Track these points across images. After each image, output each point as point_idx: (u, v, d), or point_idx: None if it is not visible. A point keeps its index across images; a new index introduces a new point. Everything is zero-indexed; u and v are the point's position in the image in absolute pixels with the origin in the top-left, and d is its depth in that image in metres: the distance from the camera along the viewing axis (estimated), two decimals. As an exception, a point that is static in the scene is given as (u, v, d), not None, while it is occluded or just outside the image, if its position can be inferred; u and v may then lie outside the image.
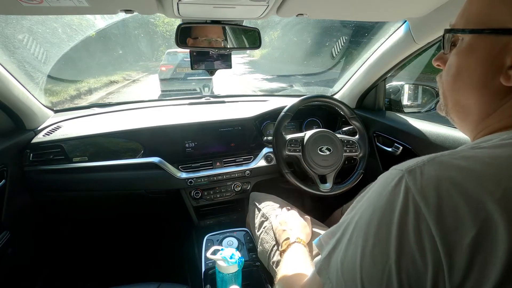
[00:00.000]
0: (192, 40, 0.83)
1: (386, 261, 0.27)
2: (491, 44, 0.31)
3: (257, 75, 9.15)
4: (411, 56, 1.05)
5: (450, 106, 0.39)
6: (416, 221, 0.25)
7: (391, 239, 0.27)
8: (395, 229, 0.26)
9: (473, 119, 0.36)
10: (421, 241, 0.25)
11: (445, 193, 0.25)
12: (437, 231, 0.24)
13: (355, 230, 0.31)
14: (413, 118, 1.13)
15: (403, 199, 0.27)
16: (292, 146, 1.06)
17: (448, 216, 0.24)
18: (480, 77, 0.33)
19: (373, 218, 0.29)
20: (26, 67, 1.30)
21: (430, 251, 0.24)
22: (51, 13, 0.72)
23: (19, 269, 1.07)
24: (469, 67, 0.34)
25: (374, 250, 0.28)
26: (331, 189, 1.05)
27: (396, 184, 0.28)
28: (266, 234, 0.91)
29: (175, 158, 1.16)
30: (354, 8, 0.82)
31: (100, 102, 1.45)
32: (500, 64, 0.30)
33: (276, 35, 10.50)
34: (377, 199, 0.29)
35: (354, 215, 0.32)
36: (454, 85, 0.36)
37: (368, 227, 0.29)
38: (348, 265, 0.30)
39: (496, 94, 0.32)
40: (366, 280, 0.28)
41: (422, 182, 0.26)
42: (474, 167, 0.26)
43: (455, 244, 0.23)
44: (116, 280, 0.86)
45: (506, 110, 0.32)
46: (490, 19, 0.31)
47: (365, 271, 0.28)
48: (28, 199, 1.07)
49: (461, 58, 0.35)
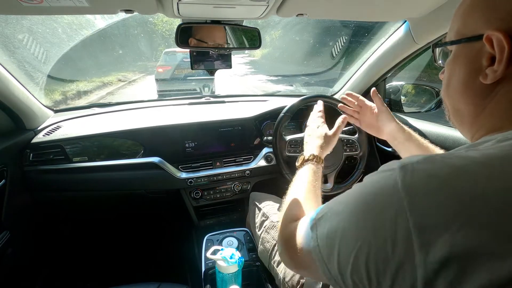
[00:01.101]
0: (192, 40, 0.83)
1: (361, 236, 0.30)
2: (469, 50, 0.36)
3: (258, 75, 9.16)
4: (411, 56, 1.06)
5: (449, 113, 0.43)
6: (395, 213, 0.27)
7: (370, 219, 0.30)
8: (375, 213, 0.29)
9: (467, 121, 0.39)
10: (395, 230, 0.26)
11: (433, 190, 0.26)
12: (415, 226, 0.25)
13: (349, 204, 0.34)
14: (413, 118, 1.13)
15: (389, 192, 0.29)
16: (293, 147, 1.06)
17: (432, 213, 0.25)
18: (463, 80, 0.37)
19: (363, 198, 0.32)
20: (26, 67, 1.30)
21: (402, 241, 0.26)
22: (51, 13, 0.72)
23: (19, 269, 1.07)
24: (455, 73, 0.39)
25: (355, 224, 0.31)
26: (332, 189, 1.05)
27: (388, 177, 0.30)
28: (267, 233, 0.91)
29: (175, 158, 1.16)
30: (354, 8, 0.82)
31: (100, 102, 1.45)
32: (478, 66, 0.35)
33: (277, 34, 10.50)
34: (372, 184, 0.32)
35: (353, 191, 0.35)
36: (447, 91, 0.41)
37: (358, 204, 0.32)
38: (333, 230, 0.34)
39: (479, 95, 0.36)
40: (342, 248, 0.32)
41: (412, 178, 0.28)
42: (465, 166, 0.27)
43: (435, 239, 0.24)
44: (116, 280, 0.86)
45: (492, 110, 0.35)
46: (465, 29, 0.37)
47: (343, 240, 0.32)
48: (28, 199, 1.07)
49: (449, 66, 0.40)
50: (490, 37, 0.32)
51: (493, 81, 0.33)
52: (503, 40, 0.31)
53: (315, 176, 0.65)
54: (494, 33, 0.32)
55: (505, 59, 0.31)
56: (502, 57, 0.32)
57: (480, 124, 0.37)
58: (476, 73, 0.35)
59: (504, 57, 0.31)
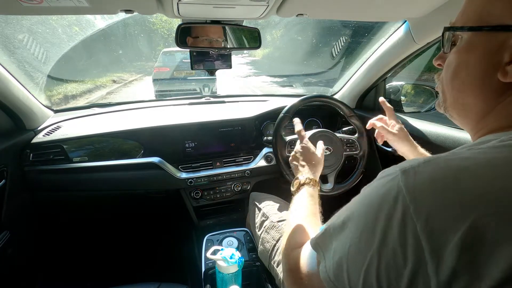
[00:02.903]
0: (192, 40, 0.83)
1: (369, 250, 0.28)
2: (490, 41, 0.31)
3: (261, 76, 9.14)
4: (411, 56, 1.05)
5: (449, 103, 0.39)
6: (403, 220, 0.26)
7: (377, 231, 0.28)
8: (381, 224, 0.28)
9: (473, 118, 0.36)
10: (405, 238, 0.26)
11: (438, 193, 0.25)
12: (424, 231, 0.25)
13: (351, 218, 0.32)
14: (413, 118, 1.13)
15: (393, 198, 0.27)
16: (292, 147, 1.06)
17: (438, 216, 0.25)
18: (478, 74, 0.33)
19: (365, 210, 0.31)
20: (26, 67, 1.30)
21: (412, 248, 0.25)
22: (51, 13, 0.72)
23: (19, 269, 1.07)
24: (468, 64, 0.34)
25: (361, 239, 0.30)
26: (332, 189, 1.05)
27: (390, 183, 0.29)
28: (267, 233, 0.91)
29: (175, 158, 1.16)
30: (354, 8, 0.82)
31: (100, 102, 1.45)
32: (498, 60, 0.30)
33: (279, 34, 10.50)
34: (374, 193, 0.31)
35: (353, 204, 0.34)
36: (452, 82, 0.37)
37: (361, 217, 0.31)
38: (339, 248, 0.32)
39: (493, 92, 0.32)
40: (350, 265, 0.30)
41: (415, 183, 0.27)
42: (469, 167, 0.26)
43: (444, 244, 0.23)
44: (116, 280, 0.86)
45: (503, 109, 0.32)
46: (488, 16, 0.31)
47: (350, 257, 0.30)
48: (28, 199, 1.07)
49: (460, 56, 0.35)
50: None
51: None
52: None
53: (314, 200, 0.65)
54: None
55: None
56: None
57: (487, 123, 0.34)
58: (494, 69, 0.31)
59: None
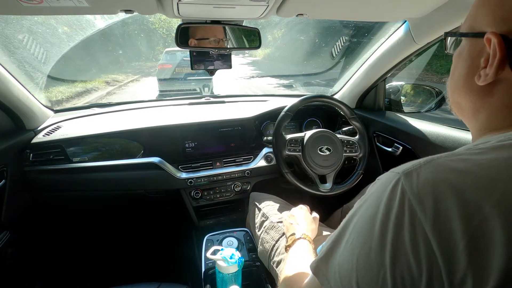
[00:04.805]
0: (192, 40, 0.83)
1: (381, 265, 0.27)
2: (473, 46, 0.34)
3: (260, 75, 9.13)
4: (411, 56, 1.05)
5: (450, 104, 0.42)
6: (412, 225, 0.25)
7: (387, 243, 0.27)
8: (391, 233, 0.26)
9: (468, 116, 0.38)
10: (416, 246, 0.25)
11: (441, 196, 0.25)
12: (434, 235, 0.24)
13: (353, 233, 0.31)
14: (413, 118, 1.13)
15: (399, 203, 0.27)
16: (292, 146, 1.06)
17: (445, 220, 0.24)
18: (463, 76, 0.36)
19: (370, 221, 0.29)
20: (26, 67, 1.30)
21: (425, 255, 0.24)
22: (51, 13, 0.72)
23: (19, 269, 1.07)
24: (458, 66, 0.37)
25: (370, 254, 0.28)
26: (331, 189, 1.04)
27: (393, 188, 0.28)
28: (267, 233, 0.91)
29: (175, 158, 1.16)
30: (354, 8, 0.82)
31: (100, 102, 1.45)
32: (477, 65, 0.33)
33: (280, 34, 10.50)
34: (375, 202, 0.30)
35: (352, 217, 0.32)
36: (450, 84, 0.39)
37: (365, 230, 0.29)
38: (345, 267, 0.30)
39: (476, 93, 0.34)
40: (361, 283, 0.28)
41: (419, 185, 0.26)
42: (471, 169, 0.26)
43: (453, 248, 0.23)
44: (116, 280, 0.86)
45: (491, 109, 0.33)
46: (475, 23, 0.34)
47: (360, 274, 0.29)
48: (28, 199, 1.07)
49: (454, 59, 0.38)
50: (490, 38, 0.30)
51: (484, 83, 0.32)
52: (496, 45, 0.29)
53: (311, 252, 0.65)
54: (492, 35, 0.30)
55: (495, 64, 0.30)
56: (493, 62, 0.30)
57: (480, 122, 0.35)
58: (474, 72, 0.33)
59: (495, 63, 0.30)
